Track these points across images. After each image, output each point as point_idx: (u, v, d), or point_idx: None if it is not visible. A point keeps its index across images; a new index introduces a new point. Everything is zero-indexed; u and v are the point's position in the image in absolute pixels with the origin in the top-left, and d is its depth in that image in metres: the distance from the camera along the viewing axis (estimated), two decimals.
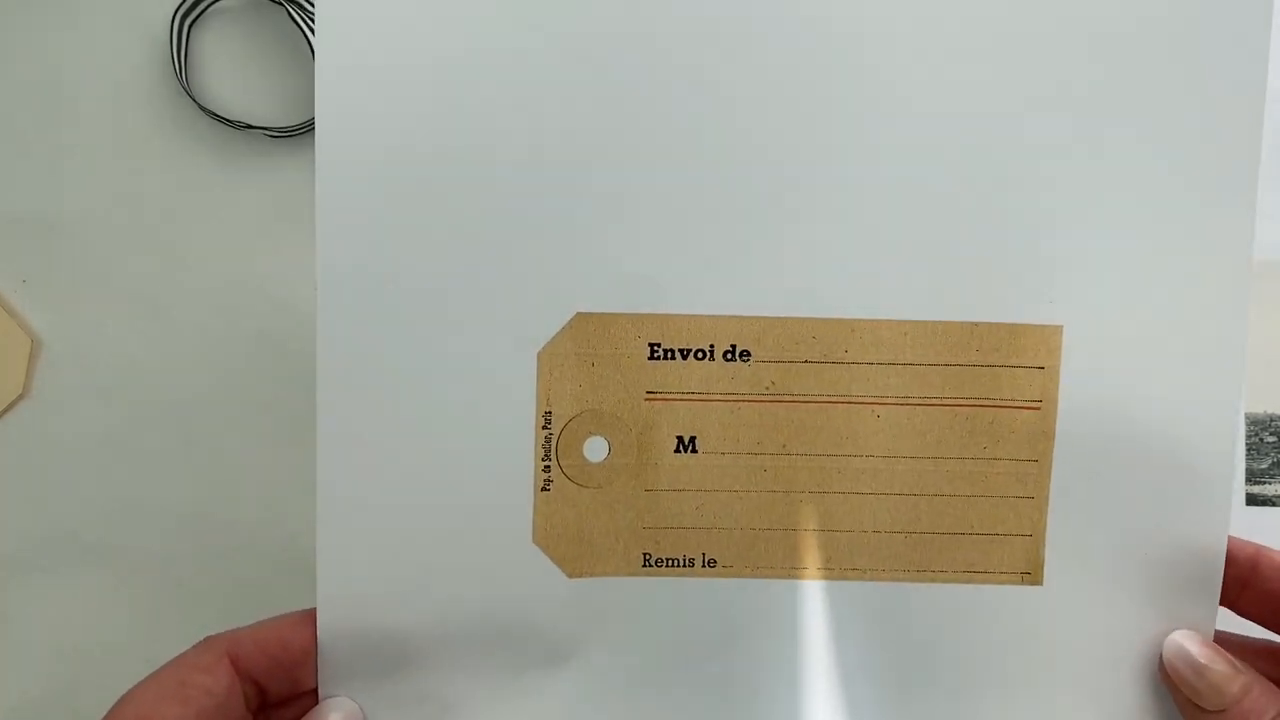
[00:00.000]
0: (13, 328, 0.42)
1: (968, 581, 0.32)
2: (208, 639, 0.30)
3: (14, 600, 0.44)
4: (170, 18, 0.41)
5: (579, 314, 0.31)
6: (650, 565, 0.32)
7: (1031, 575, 0.32)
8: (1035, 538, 0.32)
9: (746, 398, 0.32)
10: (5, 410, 0.43)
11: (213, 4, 0.42)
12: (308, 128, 0.41)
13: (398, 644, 0.31)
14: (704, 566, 0.32)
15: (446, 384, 0.31)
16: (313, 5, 0.41)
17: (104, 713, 0.45)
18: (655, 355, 0.32)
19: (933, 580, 0.32)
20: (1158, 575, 0.32)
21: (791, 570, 0.32)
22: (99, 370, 0.43)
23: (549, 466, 0.32)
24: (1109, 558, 0.32)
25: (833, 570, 0.32)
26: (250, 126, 0.41)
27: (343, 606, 0.31)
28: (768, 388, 0.32)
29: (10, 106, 0.43)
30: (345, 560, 0.31)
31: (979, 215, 0.31)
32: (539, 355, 0.31)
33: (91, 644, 0.44)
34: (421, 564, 0.31)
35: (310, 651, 0.31)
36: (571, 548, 0.32)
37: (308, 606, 0.31)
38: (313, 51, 0.40)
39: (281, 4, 0.41)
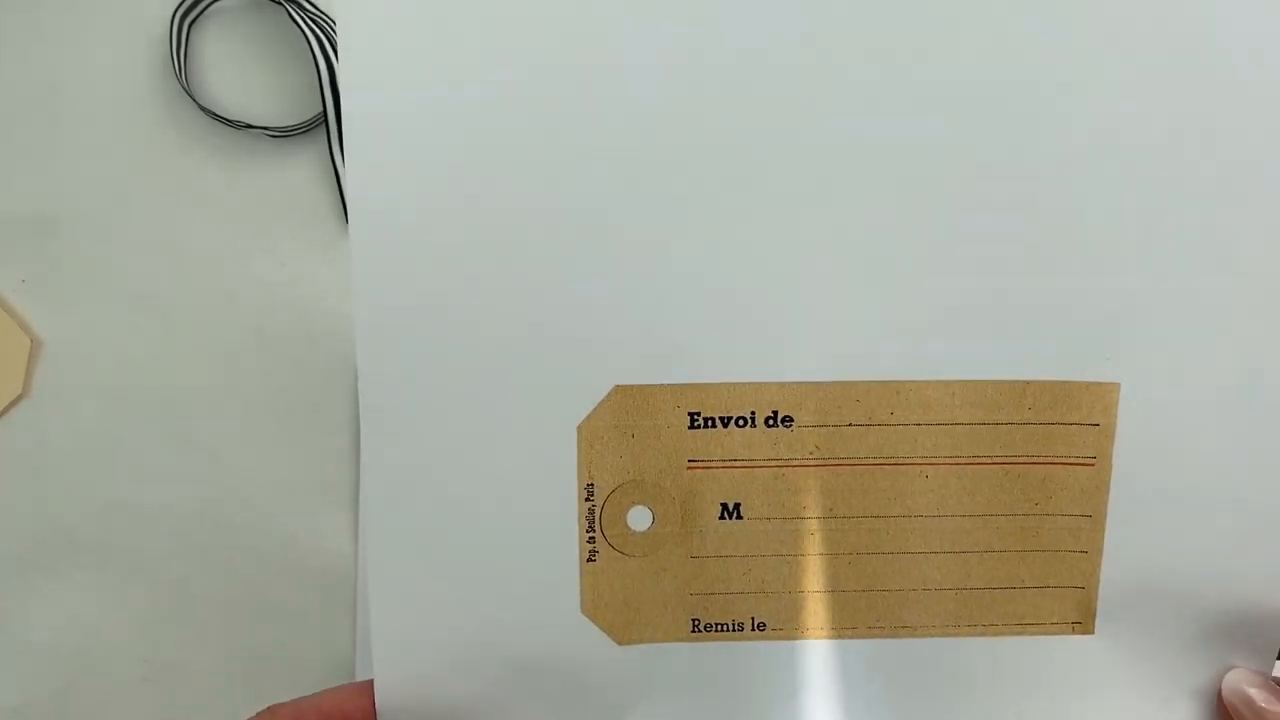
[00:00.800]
0: (12, 328, 0.42)
1: (1019, 634, 0.32)
2: (270, 709, 0.31)
3: (14, 600, 0.44)
4: (170, 18, 0.40)
5: (617, 387, 0.30)
6: (700, 630, 0.32)
7: (1083, 625, 0.32)
8: (1088, 590, 0.32)
9: (790, 463, 0.31)
10: (5, 410, 0.43)
11: (213, 4, 0.41)
12: (307, 127, 0.41)
13: (455, 716, 0.32)
14: (753, 630, 0.32)
15: (488, 461, 0.31)
16: (313, 5, 0.40)
17: (103, 713, 0.45)
18: (696, 424, 0.31)
19: (983, 634, 0.32)
20: (1214, 623, 0.32)
21: (842, 630, 0.32)
22: (99, 370, 0.43)
23: (593, 538, 0.31)
24: (1164, 606, 0.32)
25: (883, 628, 0.32)
26: (250, 126, 0.41)
27: (399, 681, 0.31)
28: (811, 452, 0.31)
29: (10, 106, 0.42)
30: (399, 635, 0.31)
31: (1031, 269, 0.30)
32: (579, 429, 0.31)
33: (91, 644, 0.44)
34: (473, 636, 0.31)
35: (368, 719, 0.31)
36: (620, 616, 0.32)
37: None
38: (313, 52, 0.39)
39: (281, 4, 0.39)
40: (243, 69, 0.42)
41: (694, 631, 0.32)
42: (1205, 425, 0.30)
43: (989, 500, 0.31)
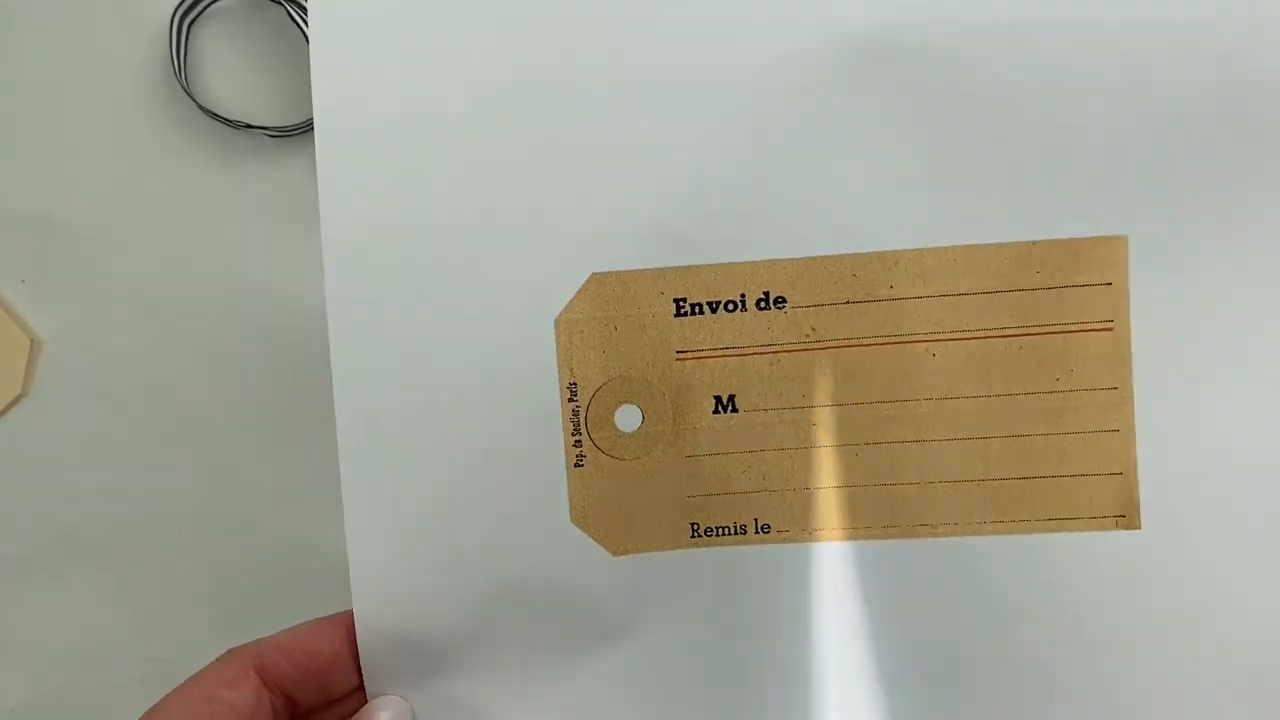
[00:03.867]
0: (12, 328, 0.42)
1: (1055, 530, 0.29)
2: (231, 651, 0.29)
3: (14, 600, 0.44)
4: (170, 17, 0.41)
5: (594, 275, 0.29)
6: (699, 535, 0.30)
7: (1127, 518, 0.29)
8: (1126, 475, 0.29)
9: (786, 348, 0.29)
10: (4, 410, 0.43)
11: (213, 3, 0.42)
12: (308, 127, 0.41)
13: (438, 639, 0.29)
14: (758, 533, 0.30)
15: (463, 363, 0.29)
16: None
17: (103, 713, 0.44)
18: (682, 311, 0.29)
19: (1014, 531, 0.29)
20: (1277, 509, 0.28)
21: (854, 531, 0.29)
22: (99, 370, 0.43)
23: (580, 441, 0.29)
24: (1216, 493, 0.29)
25: (900, 527, 0.29)
26: (250, 126, 0.41)
27: (379, 605, 0.29)
28: (807, 335, 0.29)
29: (10, 106, 0.43)
30: (377, 557, 0.29)
31: (1019, 116, 0.28)
32: (556, 322, 0.29)
33: (91, 645, 0.44)
34: (457, 555, 0.29)
35: (340, 657, 0.29)
36: (613, 524, 0.30)
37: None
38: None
39: (281, 3, 0.40)
40: (243, 69, 0.42)
41: (693, 537, 0.30)
42: (1221, 275, 0.28)
43: (1005, 378, 0.29)
